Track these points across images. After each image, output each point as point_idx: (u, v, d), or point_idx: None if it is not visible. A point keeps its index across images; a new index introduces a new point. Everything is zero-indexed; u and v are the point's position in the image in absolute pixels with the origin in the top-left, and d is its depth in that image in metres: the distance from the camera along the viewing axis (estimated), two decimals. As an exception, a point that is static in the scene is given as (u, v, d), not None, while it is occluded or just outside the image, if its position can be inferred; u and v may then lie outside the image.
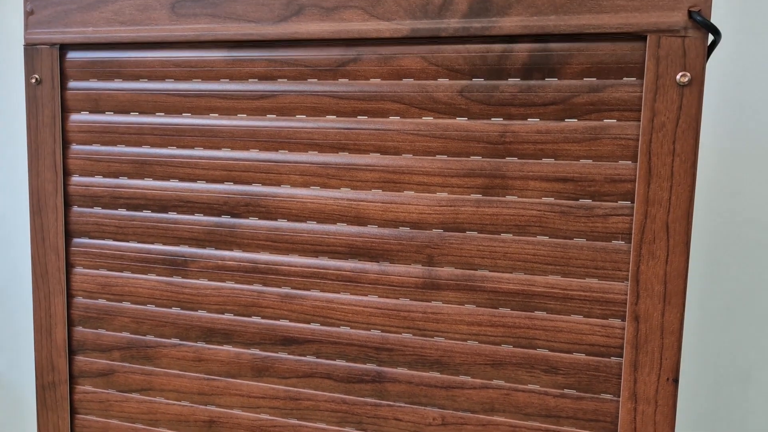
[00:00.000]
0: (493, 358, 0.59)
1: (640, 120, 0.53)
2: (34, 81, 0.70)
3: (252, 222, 0.64)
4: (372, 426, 0.63)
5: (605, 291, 0.55)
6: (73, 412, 0.73)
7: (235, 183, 0.64)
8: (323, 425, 0.64)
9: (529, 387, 0.58)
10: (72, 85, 0.69)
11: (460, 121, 0.57)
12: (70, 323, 0.72)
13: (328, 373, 0.63)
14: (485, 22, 0.55)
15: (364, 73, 0.59)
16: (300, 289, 0.63)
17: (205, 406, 0.68)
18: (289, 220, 0.63)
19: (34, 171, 0.71)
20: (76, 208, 0.71)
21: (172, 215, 0.67)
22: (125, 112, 0.68)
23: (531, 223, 0.57)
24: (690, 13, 0.51)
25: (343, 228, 0.61)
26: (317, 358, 0.64)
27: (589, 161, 0.55)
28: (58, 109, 0.69)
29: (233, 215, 0.65)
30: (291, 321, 0.64)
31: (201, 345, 0.67)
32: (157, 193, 0.67)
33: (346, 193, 0.61)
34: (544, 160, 0.56)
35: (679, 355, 0.54)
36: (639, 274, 0.54)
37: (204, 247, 0.66)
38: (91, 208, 0.70)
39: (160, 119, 0.66)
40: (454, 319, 0.59)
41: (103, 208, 0.69)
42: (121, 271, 0.69)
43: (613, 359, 0.56)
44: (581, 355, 0.56)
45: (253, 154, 0.63)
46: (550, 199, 0.56)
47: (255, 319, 0.65)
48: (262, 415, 0.66)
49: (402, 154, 0.59)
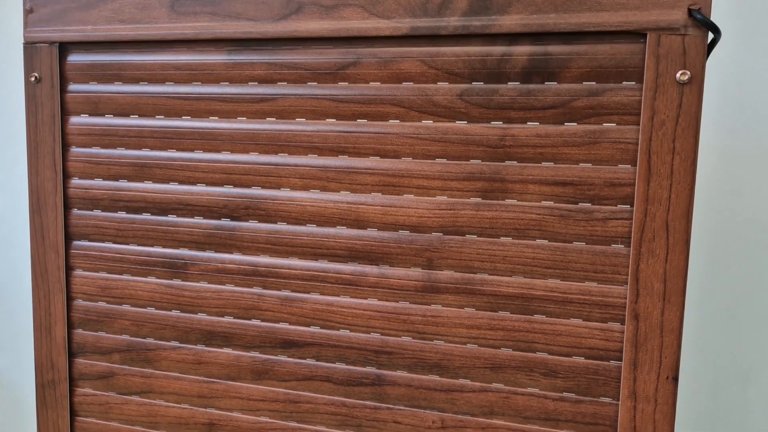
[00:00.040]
0: (493, 361, 0.59)
1: (640, 122, 0.53)
2: (33, 79, 0.70)
3: (252, 225, 0.64)
4: (371, 429, 0.63)
5: (604, 294, 0.55)
6: (73, 414, 0.73)
7: (235, 186, 0.64)
8: (323, 428, 0.64)
9: (529, 390, 0.58)
10: (72, 87, 0.69)
11: (460, 124, 0.57)
12: (70, 326, 0.72)
13: (328, 376, 0.63)
14: (485, 20, 0.55)
15: (364, 77, 0.59)
16: (300, 292, 0.63)
17: (205, 408, 0.68)
18: (288, 223, 0.63)
19: (34, 170, 0.71)
20: (76, 211, 0.71)
21: (171, 218, 0.67)
22: (125, 114, 0.68)
23: (530, 227, 0.57)
24: (690, 11, 0.51)
25: (342, 231, 0.61)
26: (317, 361, 0.64)
27: (589, 165, 0.55)
28: (58, 108, 0.69)
29: (233, 218, 0.65)
30: (291, 324, 0.64)
31: (201, 348, 0.67)
32: (157, 196, 0.67)
33: (345, 197, 0.61)
34: (544, 164, 0.56)
35: (678, 353, 0.54)
36: (639, 273, 0.54)
37: (204, 250, 0.66)
38: (91, 210, 0.70)
39: (160, 122, 0.66)
40: (453, 323, 0.59)
41: (103, 210, 0.69)
42: (121, 273, 0.70)
43: (612, 362, 0.56)
44: (580, 359, 0.57)
45: (252, 157, 0.63)
46: (550, 203, 0.56)
47: (255, 322, 0.65)
48: (262, 418, 0.66)
49: (401, 157, 0.59)
